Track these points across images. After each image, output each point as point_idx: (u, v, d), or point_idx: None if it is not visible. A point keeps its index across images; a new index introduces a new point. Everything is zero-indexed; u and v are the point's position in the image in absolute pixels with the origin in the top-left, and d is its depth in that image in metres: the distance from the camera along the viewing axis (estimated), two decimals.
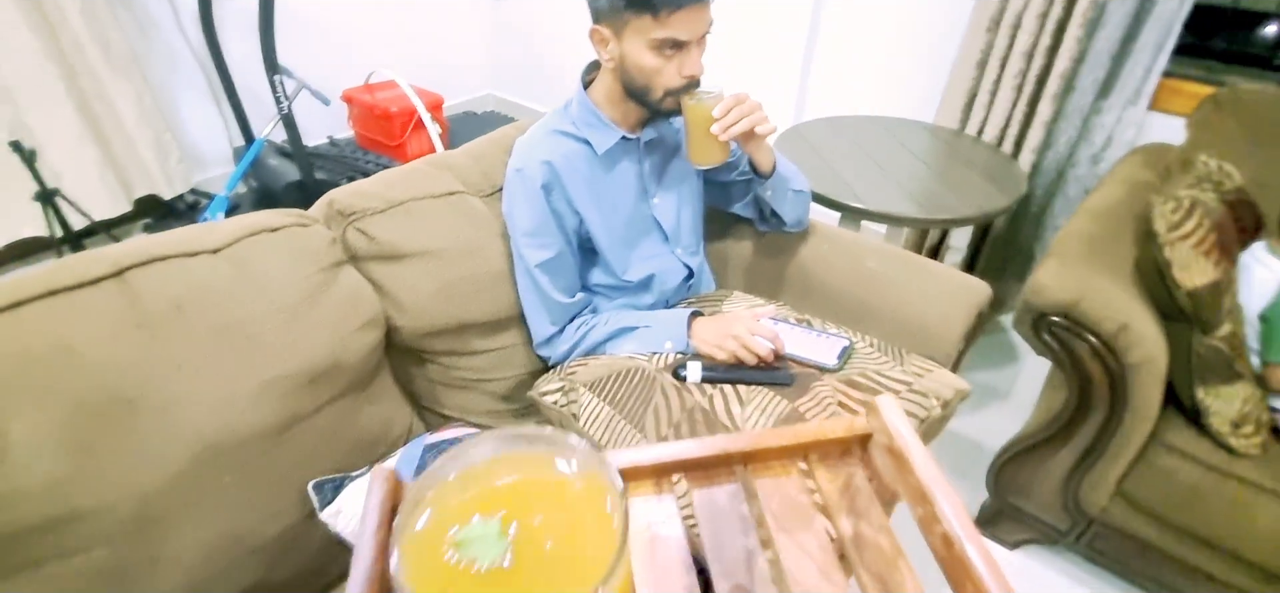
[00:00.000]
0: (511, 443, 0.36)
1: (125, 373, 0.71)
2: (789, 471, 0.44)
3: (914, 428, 0.83)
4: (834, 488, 0.43)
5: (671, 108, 0.99)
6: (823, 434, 0.44)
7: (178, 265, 0.79)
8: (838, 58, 2.32)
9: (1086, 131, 1.84)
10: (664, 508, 0.42)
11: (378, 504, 0.37)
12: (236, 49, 2.40)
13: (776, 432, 0.44)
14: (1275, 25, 1.86)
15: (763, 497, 0.42)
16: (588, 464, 0.35)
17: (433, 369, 1.06)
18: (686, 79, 0.95)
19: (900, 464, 0.40)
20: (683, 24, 0.89)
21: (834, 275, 1.23)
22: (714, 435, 0.44)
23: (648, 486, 0.43)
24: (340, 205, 0.98)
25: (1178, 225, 1.14)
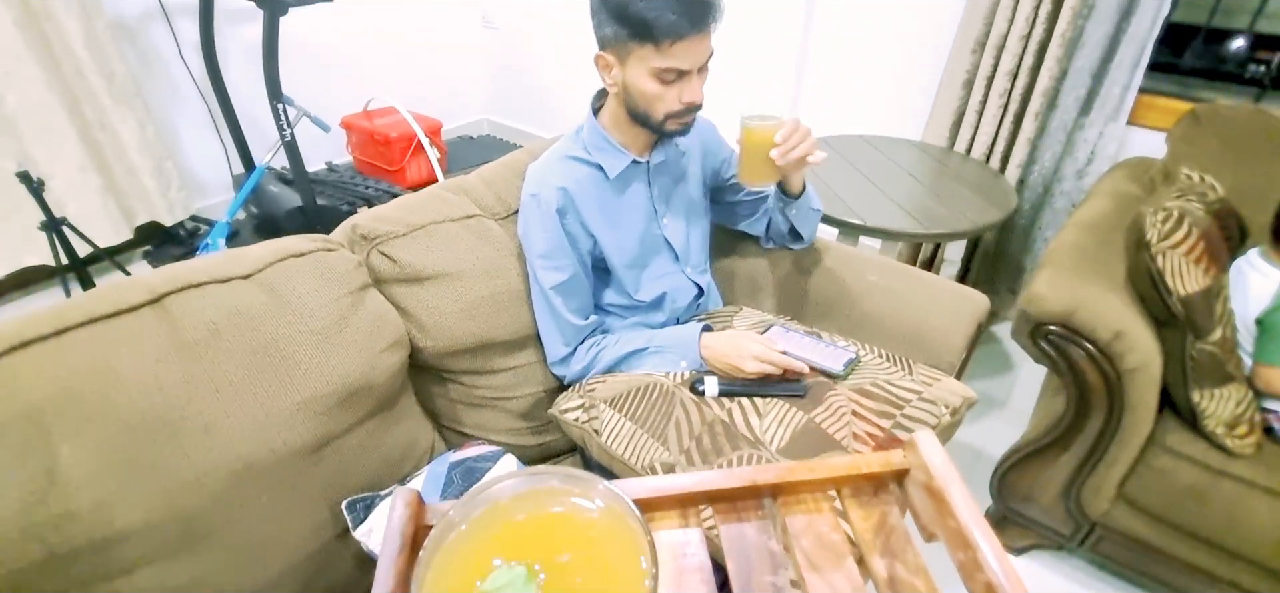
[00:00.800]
0: (534, 481, 0.36)
1: (167, 396, 0.73)
2: (820, 506, 0.42)
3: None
4: (868, 526, 0.41)
5: (673, 130, 1.02)
6: (856, 469, 0.42)
7: (212, 291, 0.81)
8: (827, 78, 2.38)
9: (1070, 147, 1.91)
10: (690, 541, 0.40)
11: (399, 528, 0.37)
12: (237, 78, 2.43)
13: (808, 465, 0.42)
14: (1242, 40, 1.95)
15: (793, 533, 0.41)
16: (610, 500, 0.35)
17: (454, 388, 1.08)
18: (686, 105, 0.98)
19: (940, 504, 0.39)
20: (684, 54, 0.92)
21: (837, 289, 1.27)
22: (743, 466, 0.43)
23: (673, 517, 0.41)
24: (364, 230, 1.01)
25: (1168, 235, 1.20)
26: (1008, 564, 0.34)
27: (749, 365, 0.98)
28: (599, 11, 0.94)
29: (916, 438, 0.41)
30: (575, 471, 0.36)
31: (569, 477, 0.37)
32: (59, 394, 0.68)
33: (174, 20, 2.31)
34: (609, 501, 0.35)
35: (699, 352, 1.05)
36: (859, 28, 2.24)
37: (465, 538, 0.34)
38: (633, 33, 0.91)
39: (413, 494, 0.40)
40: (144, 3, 2.24)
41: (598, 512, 0.35)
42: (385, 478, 0.92)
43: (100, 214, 2.19)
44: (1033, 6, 1.75)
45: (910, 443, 0.42)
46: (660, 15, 0.88)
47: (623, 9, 0.90)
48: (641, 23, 0.89)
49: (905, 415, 0.92)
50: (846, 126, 2.22)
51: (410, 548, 0.37)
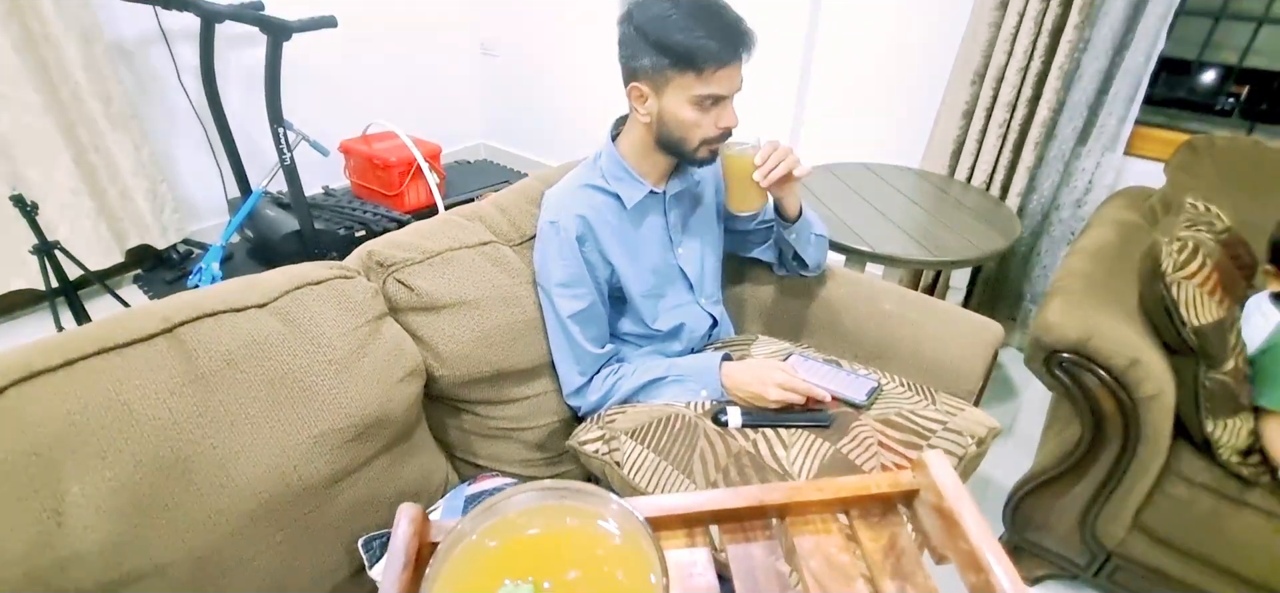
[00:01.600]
0: (544, 495, 0.36)
1: (181, 430, 0.70)
2: (829, 526, 0.42)
3: (955, 468, 0.84)
4: (877, 547, 0.40)
5: (705, 157, 1.03)
6: (865, 489, 0.42)
7: (228, 320, 0.79)
8: (828, 107, 2.41)
9: (1068, 176, 1.93)
10: (697, 562, 0.39)
11: (403, 545, 0.36)
12: (236, 102, 2.41)
13: (816, 484, 0.41)
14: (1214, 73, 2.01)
15: (802, 554, 0.40)
16: (623, 520, 0.34)
17: (468, 419, 1.05)
18: (722, 130, 0.99)
19: (951, 526, 0.38)
20: (724, 80, 0.94)
21: (851, 317, 1.26)
22: (748, 485, 0.42)
23: (679, 536, 0.41)
24: (380, 257, 0.99)
25: (1184, 265, 1.20)
26: (1022, 589, 0.33)
27: (773, 394, 0.97)
28: (635, 42, 0.94)
29: (926, 457, 0.41)
30: (586, 485, 0.36)
31: (580, 492, 0.36)
32: (68, 429, 0.65)
33: (174, 44, 2.29)
34: (620, 518, 0.34)
35: (720, 380, 1.04)
36: (858, 58, 2.27)
37: (474, 552, 0.34)
38: (674, 62, 0.92)
39: (417, 510, 0.38)
40: (143, 27, 2.23)
41: (608, 529, 0.34)
42: None
43: (91, 236, 2.15)
44: (1031, 40, 1.78)
45: (919, 463, 0.41)
46: (703, 44, 0.90)
47: (665, 39, 0.91)
48: (685, 51, 0.91)
49: (931, 446, 0.91)
50: (847, 154, 2.24)
51: (414, 565, 0.36)
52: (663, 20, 0.91)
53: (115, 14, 2.14)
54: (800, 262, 1.24)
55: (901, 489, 0.41)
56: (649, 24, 0.92)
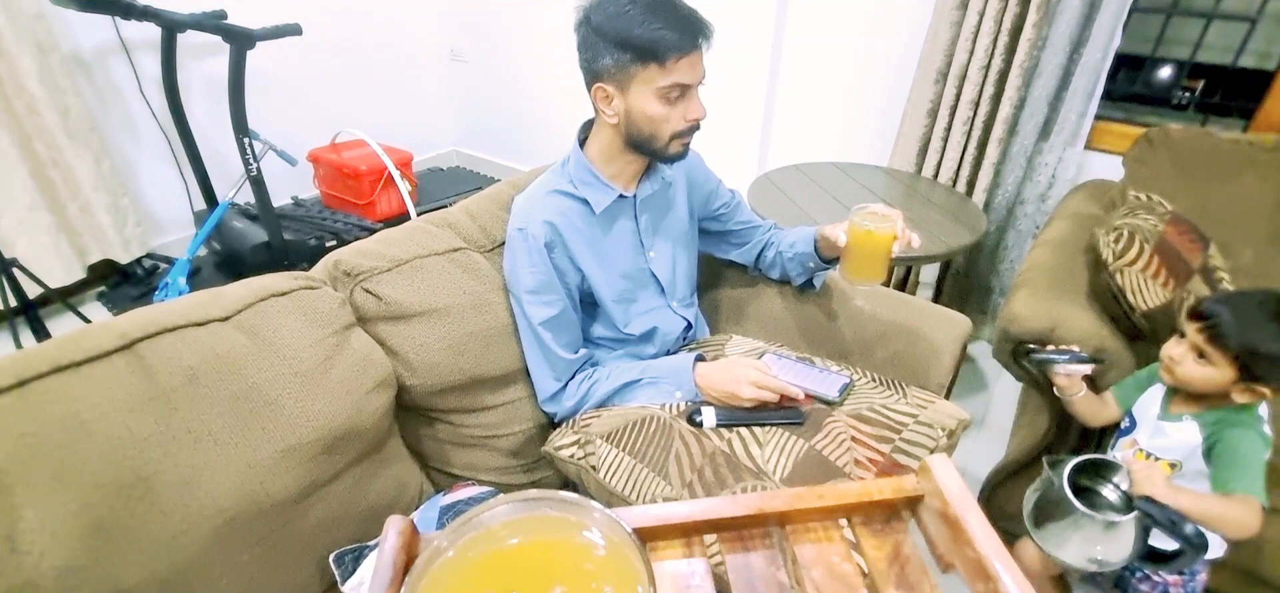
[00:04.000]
0: (527, 506, 0.34)
1: (142, 449, 0.68)
2: (831, 534, 0.41)
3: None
4: (881, 556, 0.40)
5: (676, 152, 1.03)
6: (868, 496, 0.41)
7: (189, 335, 0.77)
8: (797, 108, 2.44)
9: (1031, 171, 1.98)
10: (694, 572, 0.38)
11: (391, 558, 0.35)
12: (199, 112, 2.36)
13: (817, 491, 0.40)
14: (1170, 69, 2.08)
15: (803, 564, 0.39)
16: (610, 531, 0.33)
17: (442, 428, 1.04)
18: (691, 123, 1.00)
19: (956, 532, 0.37)
20: (686, 69, 0.94)
21: (825, 315, 1.28)
22: (749, 494, 0.42)
23: (677, 546, 0.40)
24: (346, 266, 0.97)
25: (1122, 254, 1.25)
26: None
27: (746, 392, 0.97)
28: (595, 44, 0.94)
29: (930, 463, 0.40)
30: (570, 495, 0.35)
31: (563, 502, 0.35)
32: (21, 452, 0.63)
33: (134, 55, 2.23)
34: (606, 528, 0.33)
35: (694, 381, 1.04)
36: (825, 58, 2.30)
37: (453, 567, 0.32)
38: (636, 56, 0.92)
39: (406, 522, 0.37)
40: (102, 37, 2.17)
41: (594, 540, 0.33)
42: (373, 527, 0.87)
43: (51, 253, 2.09)
44: (991, 39, 1.82)
45: (924, 468, 0.40)
46: (663, 34, 0.91)
47: (625, 35, 0.91)
48: (646, 44, 0.91)
49: (904, 439, 0.92)
50: (817, 154, 2.27)
51: (401, 579, 0.35)
52: (620, 17, 0.91)
53: (72, 25, 2.09)
54: (809, 285, 1.27)
55: (905, 495, 0.40)
56: (607, 23, 0.92)
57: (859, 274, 1.05)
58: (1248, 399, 0.93)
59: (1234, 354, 0.91)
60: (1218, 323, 0.91)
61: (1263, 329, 0.89)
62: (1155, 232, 1.30)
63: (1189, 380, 0.96)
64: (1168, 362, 0.99)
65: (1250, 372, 0.91)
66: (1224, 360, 0.92)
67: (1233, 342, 0.90)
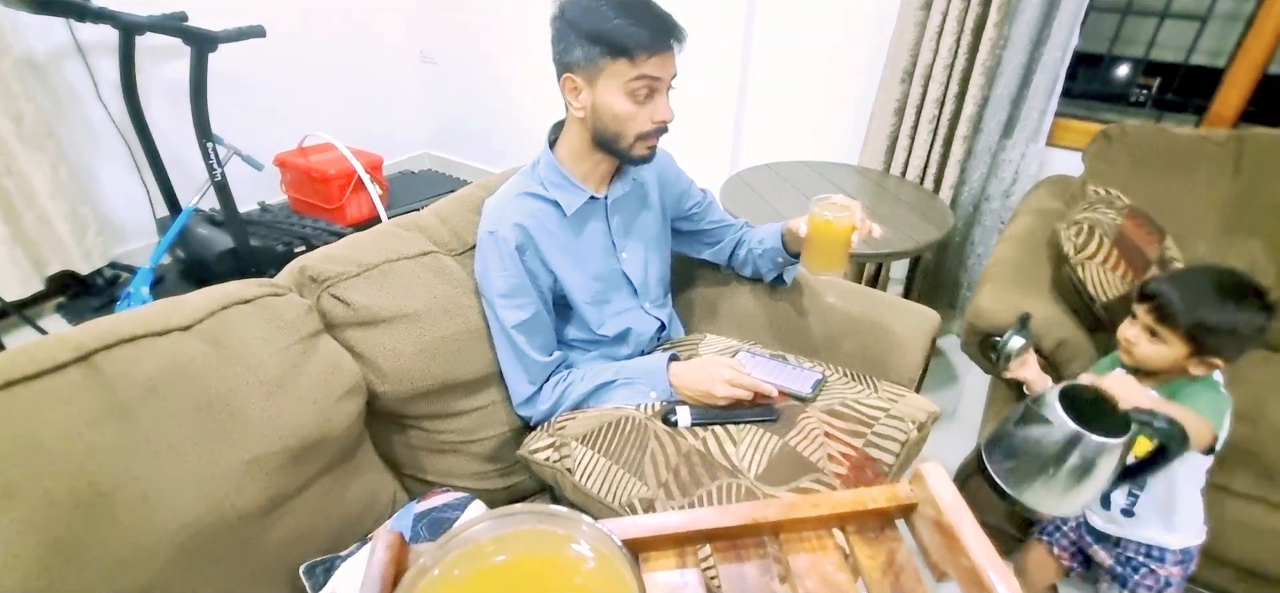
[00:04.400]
0: (514, 520, 0.34)
1: (100, 464, 0.66)
2: (825, 544, 0.40)
3: (898, 453, 0.87)
4: (875, 565, 0.39)
5: (642, 154, 1.02)
6: (862, 504, 0.41)
7: (148, 346, 0.75)
8: (768, 107, 2.46)
9: (996, 168, 2.02)
10: (688, 583, 0.38)
11: (379, 573, 0.34)
12: (161, 117, 2.30)
13: (811, 500, 0.40)
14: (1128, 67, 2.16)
15: (797, 573, 0.38)
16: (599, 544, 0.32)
17: (415, 435, 1.03)
18: (657, 124, 0.99)
19: (950, 541, 0.37)
20: (656, 66, 0.94)
21: (797, 312, 1.29)
22: (742, 503, 0.40)
23: (670, 557, 0.39)
24: (313, 272, 0.96)
25: (1083, 247, 1.28)
26: None
27: (720, 390, 0.98)
28: (567, 35, 0.94)
29: (923, 471, 0.39)
30: (558, 508, 0.34)
31: (551, 515, 0.34)
32: None
33: (91, 58, 2.17)
34: (594, 541, 0.33)
35: (668, 381, 1.04)
36: (795, 59, 2.32)
37: (439, 585, 0.32)
38: (606, 50, 0.92)
39: (395, 536, 0.36)
40: (57, 40, 2.10)
41: (583, 553, 0.33)
42: (346, 536, 0.86)
43: (6, 265, 2.01)
44: (955, 38, 1.86)
45: (917, 476, 0.40)
46: (634, 31, 0.91)
47: (596, 28, 0.91)
48: (617, 39, 0.91)
49: (876, 433, 0.94)
50: (788, 153, 2.29)
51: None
52: (594, 11, 0.92)
53: (24, 28, 2.02)
54: (780, 280, 1.27)
55: (899, 503, 0.40)
56: (581, 16, 0.92)
57: (820, 265, 1.07)
58: (1203, 372, 0.96)
59: (1184, 331, 0.93)
60: (1165, 302, 0.94)
61: (1208, 303, 0.92)
62: (1114, 225, 1.34)
63: (1146, 360, 0.99)
64: (1125, 344, 1.02)
65: (1202, 346, 0.93)
66: (1176, 338, 0.94)
67: (1181, 319, 0.93)
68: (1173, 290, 0.94)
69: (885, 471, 0.90)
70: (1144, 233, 1.37)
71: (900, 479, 0.94)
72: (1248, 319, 0.91)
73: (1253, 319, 0.91)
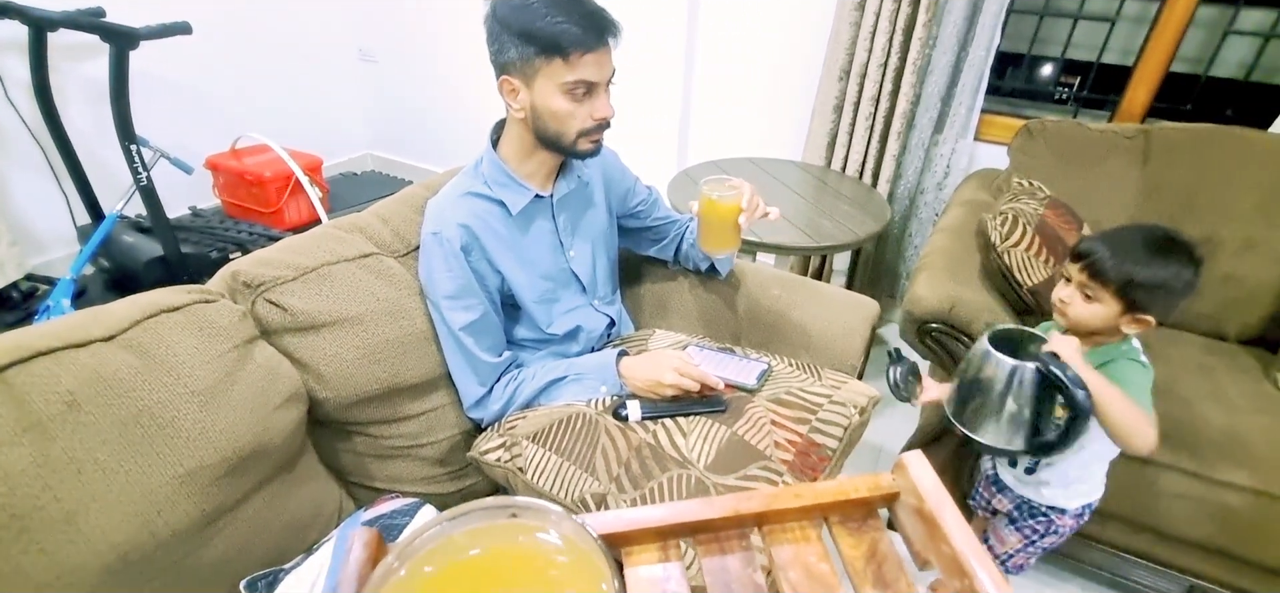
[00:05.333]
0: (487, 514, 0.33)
1: (16, 485, 0.62)
2: (808, 535, 0.40)
3: (841, 437, 0.90)
4: (858, 554, 0.39)
5: (586, 149, 1.02)
6: (844, 494, 0.41)
7: (67, 358, 0.71)
8: (712, 105, 2.50)
9: (929, 163, 2.11)
10: (670, 577, 0.38)
11: (356, 573, 0.33)
12: (78, 119, 2.17)
13: (794, 491, 0.40)
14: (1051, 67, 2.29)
15: (780, 565, 0.39)
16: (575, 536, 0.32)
17: (360, 441, 1.01)
18: (598, 121, 0.99)
19: (932, 530, 0.37)
20: (592, 66, 0.93)
21: (744, 305, 1.32)
22: (726, 496, 0.40)
23: (652, 551, 0.39)
24: (246, 277, 0.92)
25: (1008, 236, 1.35)
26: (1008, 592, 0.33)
27: (668, 378, 0.99)
28: (501, 36, 0.93)
29: (904, 460, 0.39)
30: (531, 501, 0.33)
31: (525, 507, 0.33)
32: None
33: None
34: (569, 532, 0.32)
35: (619, 375, 1.05)
36: (737, 60, 2.36)
37: (406, 585, 0.31)
38: (540, 49, 0.91)
39: (371, 534, 0.35)
40: None
41: (557, 546, 0.32)
42: (290, 548, 0.84)
43: None
44: (887, 38, 1.93)
45: (899, 465, 0.40)
46: (567, 29, 0.90)
47: (529, 27, 0.90)
48: (550, 38, 0.90)
49: (820, 419, 0.97)
50: (732, 150, 2.33)
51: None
52: (525, 9, 0.90)
53: None
54: (713, 271, 1.29)
55: (882, 493, 0.40)
56: (512, 15, 0.91)
57: (711, 243, 1.10)
58: (1135, 329, 0.98)
59: (1116, 287, 0.95)
60: (1096, 259, 0.96)
61: (1137, 258, 0.94)
62: (1036, 215, 1.42)
63: (1079, 320, 1.01)
64: (1059, 305, 1.04)
65: (1133, 302, 0.95)
66: (1108, 295, 0.96)
67: (1112, 275, 0.94)
68: (1104, 248, 0.96)
69: (829, 454, 0.93)
70: (1063, 222, 1.46)
71: (841, 463, 0.98)
72: (1176, 273, 0.93)
73: (1181, 273, 0.93)
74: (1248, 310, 1.55)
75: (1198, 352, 1.50)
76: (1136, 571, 1.37)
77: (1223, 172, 1.57)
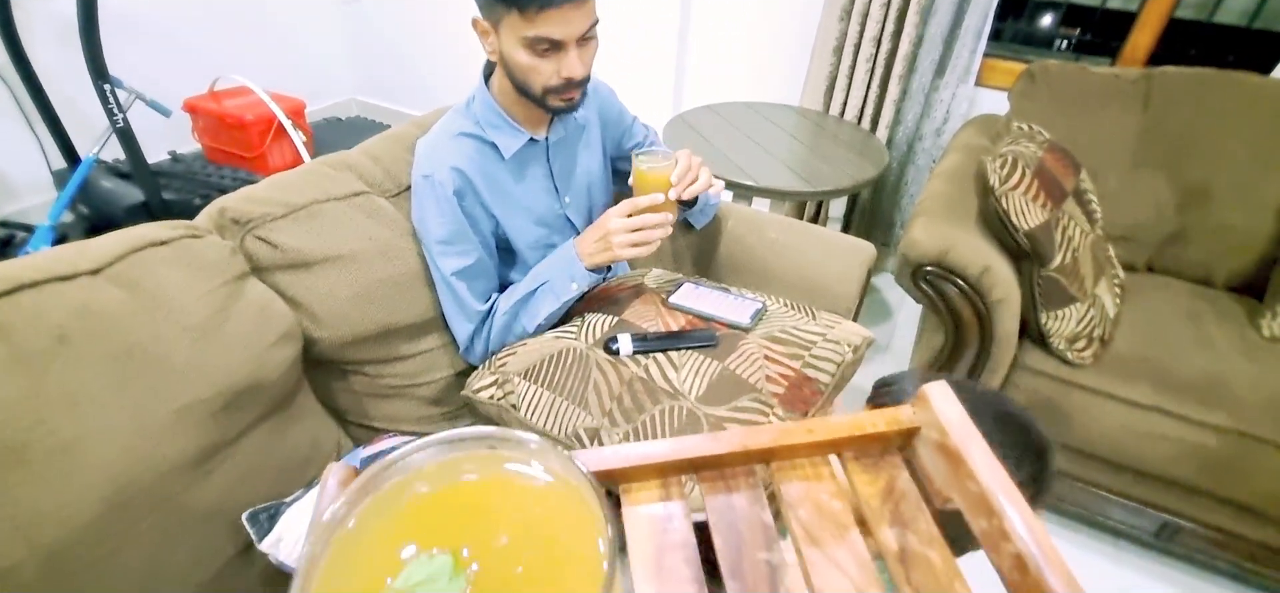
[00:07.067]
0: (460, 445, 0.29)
1: (8, 416, 0.61)
2: (819, 471, 0.38)
3: (834, 374, 0.89)
4: (874, 492, 0.37)
5: (557, 105, 0.97)
6: (858, 428, 0.38)
7: (52, 291, 0.69)
8: (709, 48, 2.44)
9: (929, 108, 2.08)
10: (672, 515, 0.35)
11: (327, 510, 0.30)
12: (48, 59, 2.08)
13: (805, 426, 0.37)
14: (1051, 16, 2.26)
15: (789, 502, 0.36)
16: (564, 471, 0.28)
17: (357, 381, 1.00)
18: (564, 80, 0.92)
19: (956, 466, 0.34)
20: (554, 23, 0.86)
21: (741, 247, 1.31)
22: (732, 430, 0.38)
23: (653, 488, 0.37)
24: (234, 213, 0.90)
25: (1007, 178, 1.34)
26: (1041, 532, 0.30)
27: (613, 224, 0.98)
28: None
29: (926, 391, 0.36)
30: (509, 431, 0.30)
31: (501, 438, 0.29)
32: None
33: None
34: (553, 463, 0.29)
35: (581, 263, 1.03)
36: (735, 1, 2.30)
37: (368, 523, 0.26)
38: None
39: (347, 471, 0.33)
40: None
41: (541, 481, 0.28)
42: (289, 484, 0.83)
43: None
44: None
45: (921, 398, 0.37)
46: None
47: None
48: None
49: (813, 355, 0.97)
50: (730, 95, 2.29)
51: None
52: None
53: None
54: (689, 225, 1.28)
55: (900, 427, 0.37)
56: None
57: None
58: None
59: None
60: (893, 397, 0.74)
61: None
62: (1035, 158, 1.41)
63: None
64: None
65: None
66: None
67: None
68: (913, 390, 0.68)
69: (821, 389, 0.94)
70: (1062, 166, 1.45)
71: (832, 400, 0.99)
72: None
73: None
74: (1236, 257, 1.57)
75: (1186, 297, 1.52)
76: (1112, 508, 1.41)
77: (1220, 117, 1.56)
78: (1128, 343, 1.35)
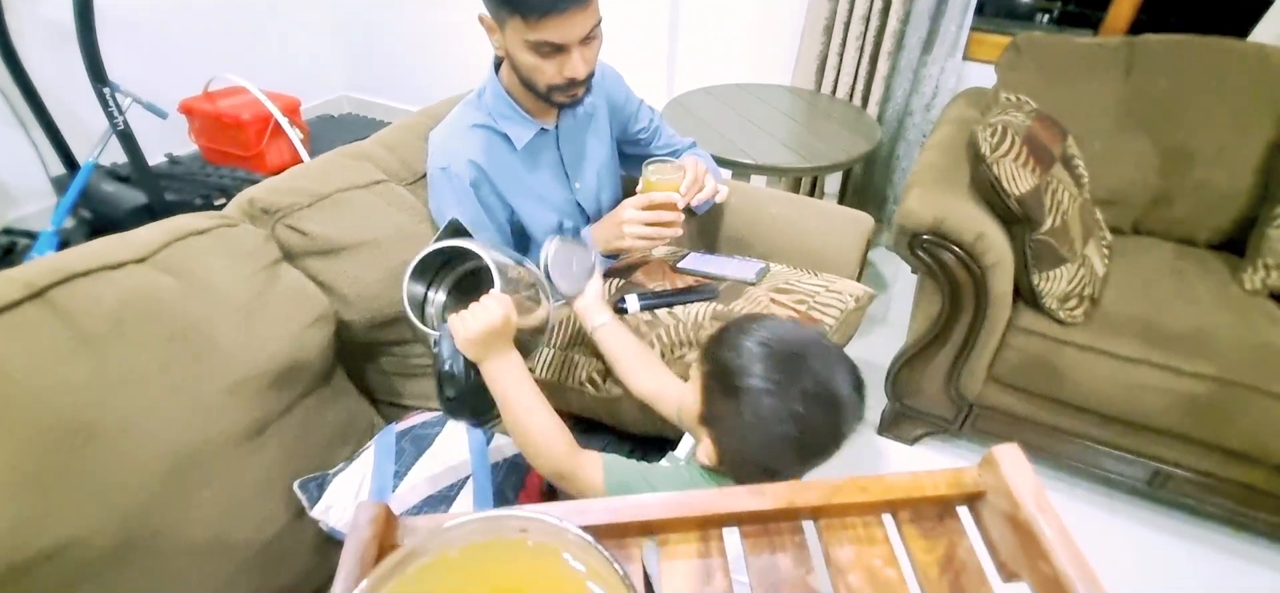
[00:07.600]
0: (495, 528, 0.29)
1: (78, 394, 0.65)
2: (872, 533, 0.35)
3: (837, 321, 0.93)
4: (932, 560, 0.34)
5: (562, 102, 0.99)
6: (917, 490, 0.35)
7: (104, 279, 0.73)
8: (700, 31, 2.47)
9: (917, 83, 2.13)
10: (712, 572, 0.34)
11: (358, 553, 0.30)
12: (42, 65, 2.08)
13: (858, 484, 0.35)
14: None
15: (838, 567, 0.34)
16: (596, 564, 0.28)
17: (386, 360, 1.04)
18: (567, 80, 0.94)
19: (1027, 542, 0.31)
20: (557, 29, 0.87)
21: (743, 222, 1.35)
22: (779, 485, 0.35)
23: (692, 541, 0.35)
24: (263, 203, 0.93)
25: (998, 146, 1.39)
26: None
27: (629, 215, 1.03)
28: None
29: (996, 455, 0.34)
30: (543, 516, 0.29)
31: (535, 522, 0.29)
32: None
33: None
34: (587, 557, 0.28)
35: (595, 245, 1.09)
36: None
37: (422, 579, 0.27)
38: (501, 1, 0.89)
39: (380, 508, 0.32)
40: None
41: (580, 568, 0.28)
42: (333, 455, 0.87)
43: None
44: None
45: (989, 460, 0.34)
46: None
47: None
48: None
49: (817, 302, 1.02)
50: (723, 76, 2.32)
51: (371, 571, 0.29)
52: None
53: None
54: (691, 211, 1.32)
55: (963, 491, 0.35)
56: None
57: None
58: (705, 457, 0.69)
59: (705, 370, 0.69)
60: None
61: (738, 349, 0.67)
62: (1023, 126, 1.46)
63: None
64: None
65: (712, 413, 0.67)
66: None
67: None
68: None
69: (826, 330, 0.99)
70: (1050, 133, 1.50)
71: None
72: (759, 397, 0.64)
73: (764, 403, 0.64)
74: (1218, 216, 1.63)
75: (1171, 256, 1.58)
76: (1105, 459, 1.47)
77: (1201, 81, 1.61)
78: (1116, 301, 1.41)
